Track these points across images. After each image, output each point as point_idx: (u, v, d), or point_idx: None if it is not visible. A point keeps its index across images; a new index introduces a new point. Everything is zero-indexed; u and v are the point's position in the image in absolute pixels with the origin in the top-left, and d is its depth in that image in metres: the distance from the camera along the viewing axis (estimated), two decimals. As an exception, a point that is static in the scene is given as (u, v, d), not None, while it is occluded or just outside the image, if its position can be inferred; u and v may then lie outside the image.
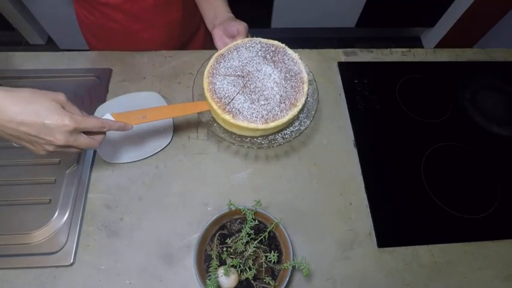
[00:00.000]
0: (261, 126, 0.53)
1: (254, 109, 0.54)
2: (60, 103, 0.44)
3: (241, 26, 0.65)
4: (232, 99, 0.54)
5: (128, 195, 0.68)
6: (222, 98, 0.54)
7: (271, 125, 0.53)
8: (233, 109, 0.54)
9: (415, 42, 2.25)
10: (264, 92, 0.55)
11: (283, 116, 0.54)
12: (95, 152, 0.71)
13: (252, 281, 0.55)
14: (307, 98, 0.57)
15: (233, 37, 0.66)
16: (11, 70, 0.81)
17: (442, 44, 2.06)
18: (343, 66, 0.88)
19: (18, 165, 0.70)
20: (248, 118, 0.53)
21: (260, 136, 0.58)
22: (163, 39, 0.90)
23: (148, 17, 0.83)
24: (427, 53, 0.94)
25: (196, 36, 1.01)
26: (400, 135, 0.80)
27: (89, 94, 0.79)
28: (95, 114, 0.74)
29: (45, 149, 0.46)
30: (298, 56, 0.61)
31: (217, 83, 0.55)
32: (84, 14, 0.84)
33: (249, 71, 0.57)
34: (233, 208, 0.58)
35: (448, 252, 0.66)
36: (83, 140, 0.47)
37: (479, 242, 0.68)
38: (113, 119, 0.52)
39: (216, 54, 0.60)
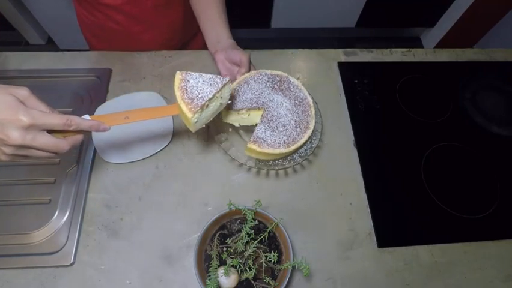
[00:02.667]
0: (284, 150, 0.58)
1: (276, 136, 0.59)
2: (21, 98, 0.39)
3: (244, 56, 0.66)
4: (204, 99, 0.50)
5: (128, 195, 0.68)
6: (192, 99, 0.50)
7: (292, 148, 0.59)
8: (257, 138, 0.58)
9: (415, 42, 2.25)
10: (281, 120, 0.61)
11: (301, 138, 0.60)
12: (95, 152, 0.71)
13: (252, 281, 0.55)
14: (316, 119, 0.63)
15: (235, 64, 0.68)
16: (11, 70, 0.81)
17: (442, 44, 2.06)
18: (343, 66, 0.88)
19: (18, 165, 0.70)
20: (272, 145, 0.58)
21: (280, 158, 0.62)
22: (164, 40, 0.90)
23: (148, 18, 0.83)
24: (427, 53, 0.94)
25: (196, 37, 1.01)
26: (400, 135, 0.80)
27: (89, 94, 0.79)
28: (95, 114, 0.74)
29: (3, 151, 0.39)
30: (301, 83, 0.66)
31: (190, 82, 0.52)
32: (84, 14, 0.84)
33: (263, 102, 0.62)
34: (233, 208, 0.58)
35: (448, 252, 0.66)
36: (46, 140, 0.40)
37: (479, 242, 0.68)
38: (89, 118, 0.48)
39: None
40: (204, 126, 0.58)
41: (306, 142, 0.61)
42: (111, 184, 0.69)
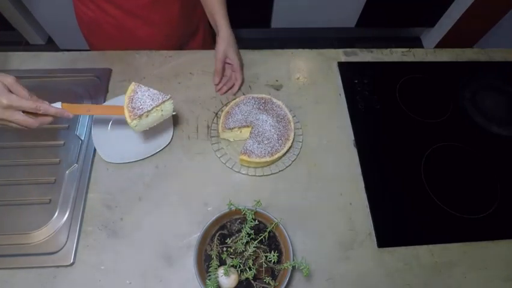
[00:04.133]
0: (269, 159, 0.70)
1: (262, 148, 0.71)
2: (7, 84, 0.51)
3: (237, 63, 0.78)
4: (143, 110, 0.60)
5: (128, 195, 0.68)
6: (134, 108, 0.60)
7: (275, 156, 0.71)
8: (247, 151, 0.70)
9: (415, 42, 2.24)
10: (265, 134, 0.73)
11: (282, 148, 0.72)
12: (95, 152, 0.71)
13: (252, 281, 0.55)
14: (295, 131, 0.75)
15: (228, 63, 0.79)
16: (11, 70, 0.81)
17: (442, 44, 2.06)
18: (343, 66, 0.88)
19: (18, 165, 0.70)
20: (259, 155, 0.70)
21: (269, 165, 0.73)
22: (161, 38, 0.89)
23: (143, 14, 0.83)
24: (427, 53, 0.94)
25: (194, 37, 1.01)
26: (400, 135, 0.80)
27: (89, 94, 0.79)
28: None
29: None
30: (283, 103, 0.77)
31: (138, 94, 0.62)
32: (80, 8, 0.84)
33: (251, 121, 0.74)
34: (233, 208, 0.58)
35: (447, 252, 0.66)
36: (18, 117, 0.52)
37: (479, 242, 0.68)
38: (60, 107, 0.57)
39: (223, 112, 0.75)
40: (147, 129, 0.66)
41: (287, 151, 0.73)
42: (111, 184, 0.69)
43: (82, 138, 0.73)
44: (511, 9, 1.79)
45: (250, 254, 0.55)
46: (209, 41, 1.05)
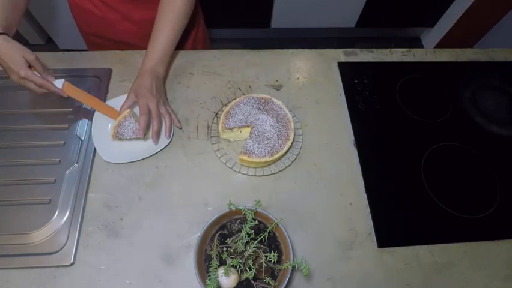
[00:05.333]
0: (269, 159, 0.70)
1: (262, 148, 0.71)
2: (28, 60, 0.64)
3: (144, 108, 0.70)
4: (124, 137, 0.72)
5: (128, 195, 0.68)
6: (118, 132, 0.72)
7: (275, 156, 0.71)
8: (247, 151, 0.70)
9: (415, 42, 2.24)
10: (265, 134, 0.72)
11: (282, 148, 0.72)
12: (95, 152, 0.71)
13: (252, 281, 0.55)
14: (295, 131, 0.75)
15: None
16: (11, 70, 0.81)
17: (442, 44, 2.06)
18: (343, 66, 0.88)
19: (18, 165, 0.70)
20: (259, 155, 0.70)
21: (268, 165, 0.73)
22: (141, 35, 0.87)
23: (123, 9, 0.83)
24: (427, 53, 0.94)
25: (184, 39, 0.97)
26: (400, 135, 0.80)
27: (89, 94, 0.78)
28: (95, 115, 0.74)
29: (10, 77, 0.66)
30: (283, 103, 0.77)
31: (126, 123, 0.72)
32: None
33: (251, 121, 0.74)
34: (233, 208, 0.58)
35: (447, 252, 0.66)
36: (30, 85, 0.66)
37: (479, 242, 0.68)
38: (60, 86, 0.69)
39: (224, 112, 0.76)
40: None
41: (287, 151, 0.73)
42: (111, 184, 0.69)
43: (82, 138, 0.73)
44: (511, 9, 1.79)
45: (250, 254, 0.55)
46: (201, 41, 1.04)
